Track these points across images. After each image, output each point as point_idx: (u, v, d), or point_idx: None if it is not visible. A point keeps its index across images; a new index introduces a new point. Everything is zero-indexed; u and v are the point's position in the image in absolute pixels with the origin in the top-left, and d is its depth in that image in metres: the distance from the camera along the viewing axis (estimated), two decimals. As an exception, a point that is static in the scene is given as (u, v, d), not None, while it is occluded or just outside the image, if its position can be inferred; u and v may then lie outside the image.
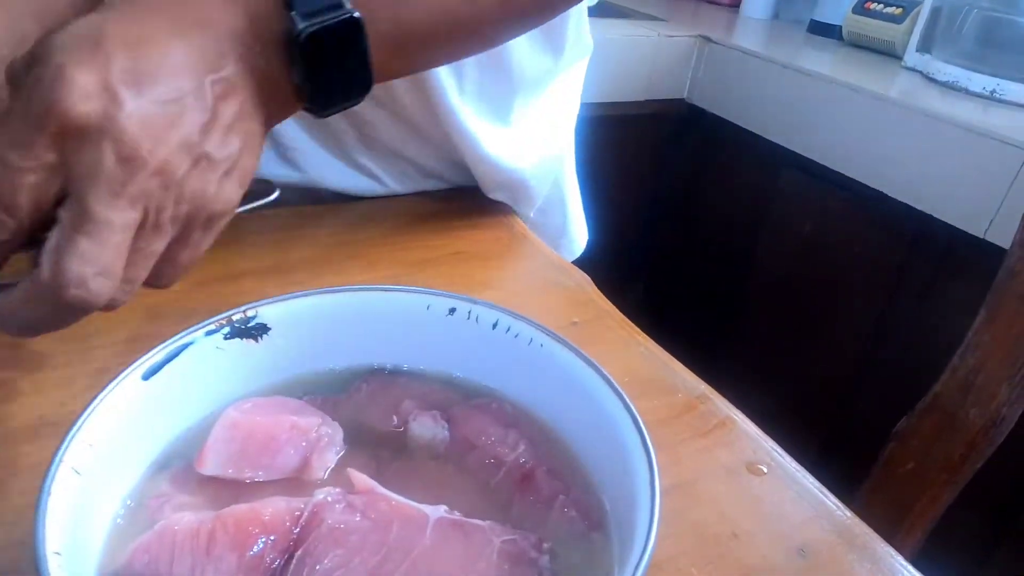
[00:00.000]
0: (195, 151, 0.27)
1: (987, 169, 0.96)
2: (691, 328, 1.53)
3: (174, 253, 0.30)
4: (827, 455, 1.20)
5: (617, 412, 0.28)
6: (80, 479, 0.23)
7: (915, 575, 0.32)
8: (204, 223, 0.30)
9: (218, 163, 0.29)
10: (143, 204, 0.26)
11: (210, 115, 0.28)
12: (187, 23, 0.28)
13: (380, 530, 0.25)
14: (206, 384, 0.30)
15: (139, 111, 0.25)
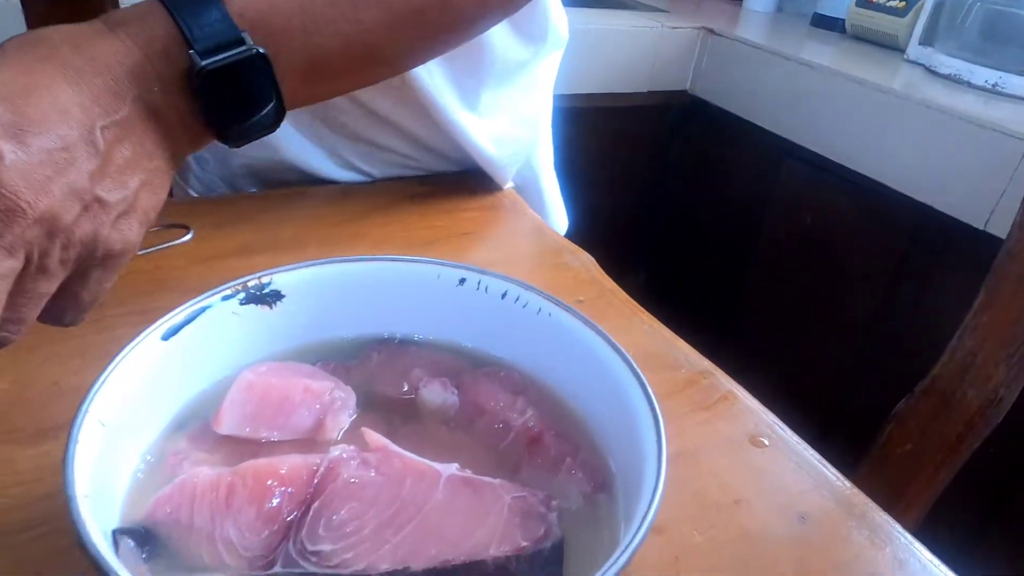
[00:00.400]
0: (85, 196, 0.27)
1: (988, 161, 0.96)
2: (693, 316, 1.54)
3: (74, 291, 0.30)
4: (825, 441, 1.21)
5: (626, 378, 0.29)
6: (104, 431, 0.24)
7: (911, 541, 0.33)
8: (102, 262, 0.30)
9: (111, 205, 0.29)
10: (24, 251, 0.26)
11: (101, 160, 0.28)
12: (78, 69, 0.27)
13: (393, 485, 0.26)
14: (222, 348, 0.31)
15: (20, 162, 0.25)
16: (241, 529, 0.24)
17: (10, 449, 0.32)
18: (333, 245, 0.51)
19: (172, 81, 0.29)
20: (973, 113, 0.98)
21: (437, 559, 0.23)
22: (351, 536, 0.24)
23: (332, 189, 0.59)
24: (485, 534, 0.24)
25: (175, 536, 0.24)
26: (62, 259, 0.28)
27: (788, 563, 0.31)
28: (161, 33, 0.29)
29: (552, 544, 0.25)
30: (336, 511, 0.25)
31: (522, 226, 0.59)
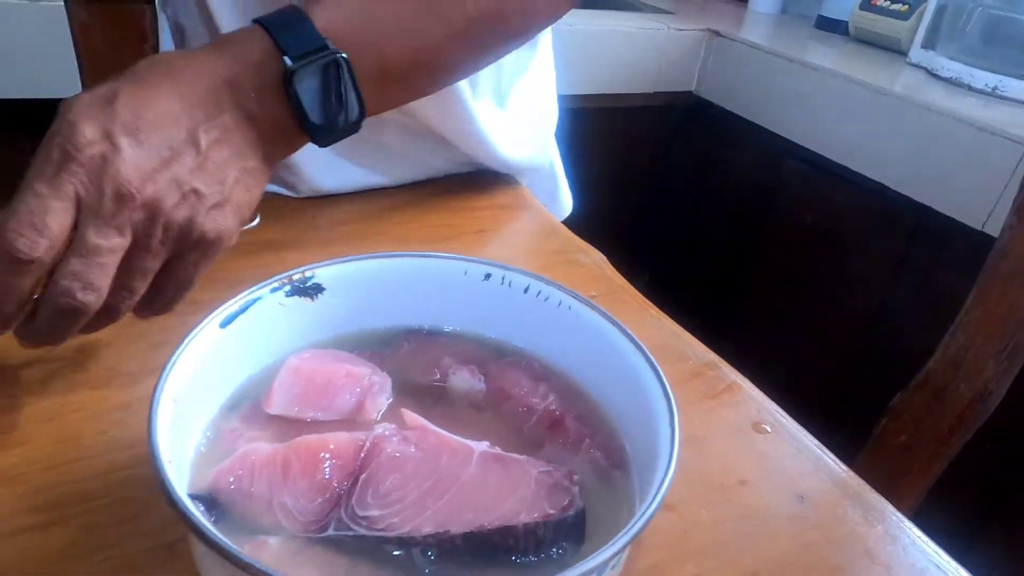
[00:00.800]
0: (184, 187, 0.33)
1: (986, 163, 0.99)
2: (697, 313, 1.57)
3: (171, 271, 0.35)
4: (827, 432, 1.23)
5: (640, 366, 0.32)
6: (176, 407, 0.27)
7: (902, 519, 0.36)
8: (197, 246, 0.35)
9: (207, 196, 0.34)
10: (131, 230, 0.32)
11: (201, 158, 0.33)
12: (188, 82, 0.33)
13: (431, 460, 0.28)
14: (269, 336, 0.34)
15: (134, 156, 0.31)
16: (297, 497, 0.27)
17: (75, 428, 0.34)
18: (358, 242, 0.54)
19: (268, 89, 0.35)
20: (972, 116, 1.00)
21: (474, 523, 0.26)
22: (396, 503, 0.27)
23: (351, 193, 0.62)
24: (515, 503, 0.27)
25: (238, 502, 0.27)
26: (162, 240, 0.33)
27: (787, 538, 0.34)
28: (258, 48, 0.35)
29: (575, 512, 0.27)
30: (382, 481, 0.27)
31: (535, 224, 0.61)
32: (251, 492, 0.27)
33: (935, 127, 1.04)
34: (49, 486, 0.31)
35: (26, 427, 0.34)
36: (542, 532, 0.26)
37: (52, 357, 0.39)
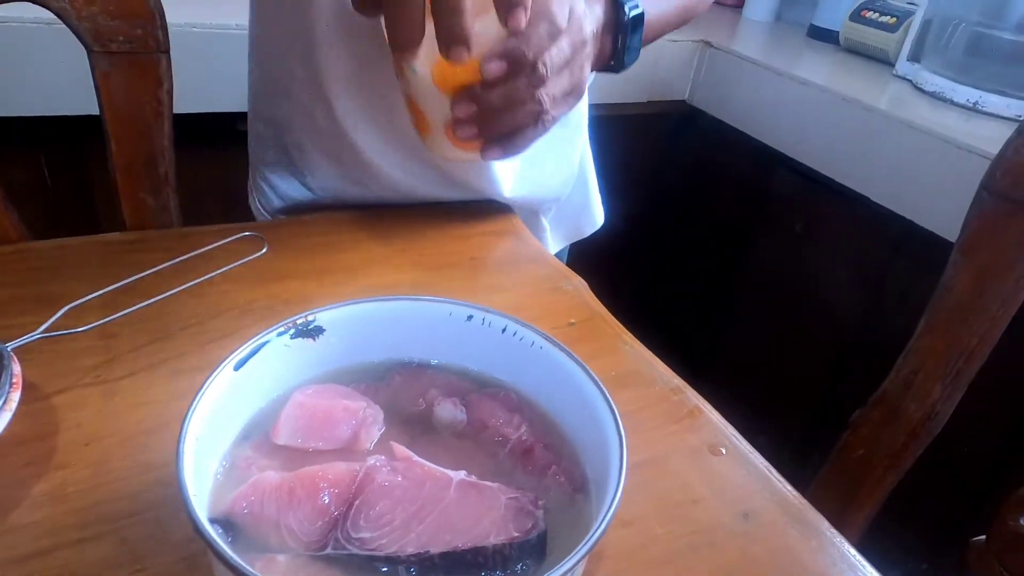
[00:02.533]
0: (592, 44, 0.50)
1: (965, 179, 1.02)
2: (686, 319, 1.62)
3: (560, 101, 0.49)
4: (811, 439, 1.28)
5: (597, 400, 0.36)
6: (198, 444, 0.31)
7: (835, 535, 0.40)
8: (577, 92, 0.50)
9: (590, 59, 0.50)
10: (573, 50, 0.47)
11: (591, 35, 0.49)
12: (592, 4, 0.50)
13: (416, 487, 0.33)
14: (276, 374, 0.38)
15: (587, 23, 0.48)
16: (300, 520, 0.32)
17: (106, 452, 0.39)
18: (356, 270, 0.59)
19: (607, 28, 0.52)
20: (951, 133, 1.04)
21: (450, 544, 0.31)
22: (385, 526, 0.31)
23: (351, 215, 0.67)
24: (486, 526, 0.32)
25: (250, 524, 0.32)
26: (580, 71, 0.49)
27: (732, 551, 0.39)
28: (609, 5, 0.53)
29: (538, 534, 0.32)
30: (373, 507, 0.32)
31: (524, 252, 0.66)
32: (262, 515, 0.32)
33: (915, 142, 1.08)
34: (87, 506, 0.36)
35: (65, 452, 0.39)
36: (508, 551, 0.31)
37: (84, 386, 0.43)
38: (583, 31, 0.47)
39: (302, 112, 0.63)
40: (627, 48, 0.53)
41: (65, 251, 0.55)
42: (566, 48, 0.46)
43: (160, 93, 0.57)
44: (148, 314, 0.49)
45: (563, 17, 0.44)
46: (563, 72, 0.46)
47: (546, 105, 0.46)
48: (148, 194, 0.60)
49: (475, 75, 0.45)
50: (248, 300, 0.53)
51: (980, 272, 0.51)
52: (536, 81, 0.45)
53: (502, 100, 0.45)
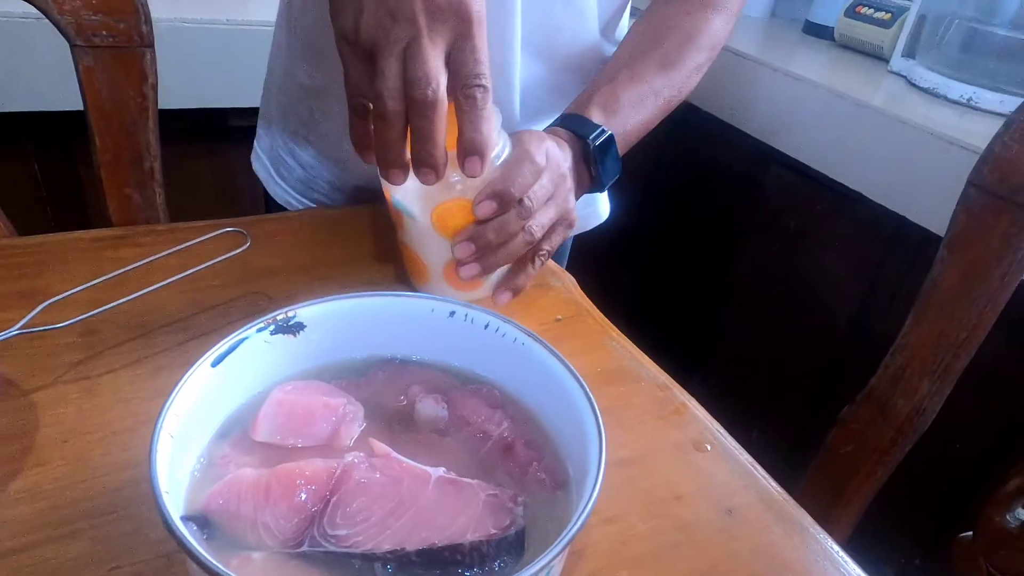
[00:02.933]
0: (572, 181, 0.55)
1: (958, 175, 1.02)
2: (680, 315, 1.62)
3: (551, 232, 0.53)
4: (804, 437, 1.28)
5: (578, 396, 0.36)
6: (172, 441, 0.31)
7: (819, 531, 0.40)
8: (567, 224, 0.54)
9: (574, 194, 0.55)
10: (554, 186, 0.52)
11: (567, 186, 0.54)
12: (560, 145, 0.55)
13: (394, 484, 0.33)
14: (256, 370, 0.38)
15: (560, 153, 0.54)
16: (277, 517, 0.32)
17: (85, 449, 0.39)
18: (339, 266, 0.58)
19: (579, 159, 0.57)
20: (944, 130, 1.04)
21: (426, 541, 0.31)
22: (361, 523, 0.31)
23: (335, 212, 0.66)
24: (464, 523, 0.32)
25: (226, 522, 0.32)
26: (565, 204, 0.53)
27: (715, 548, 0.39)
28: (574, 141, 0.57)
29: (515, 531, 0.32)
30: (349, 504, 0.32)
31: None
32: (238, 513, 0.32)
33: (908, 138, 1.07)
34: (64, 504, 0.36)
35: (43, 449, 0.39)
36: (485, 549, 0.31)
37: (64, 382, 0.43)
38: (561, 168, 0.52)
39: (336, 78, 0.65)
40: (603, 171, 0.58)
41: (48, 247, 0.55)
42: (547, 184, 0.51)
43: (144, 88, 0.56)
44: (130, 310, 0.48)
45: (542, 157, 0.50)
46: (549, 204, 0.51)
47: (536, 234, 0.51)
48: (134, 189, 0.59)
49: (470, 216, 0.49)
50: (231, 296, 0.52)
51: (967, 268, 0.51)
52: (524, 213, 0.49)
53: (496, 235, 0.49)
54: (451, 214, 0.49)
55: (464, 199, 0.49)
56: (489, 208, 0.48)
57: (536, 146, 0.50)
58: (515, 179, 0.48)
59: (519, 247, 0.51)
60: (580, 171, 0.58)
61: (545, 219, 0.51)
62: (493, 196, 0.48)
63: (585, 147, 0.57)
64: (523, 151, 0.50)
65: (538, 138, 0.52)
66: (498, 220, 0.49)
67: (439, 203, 0.49)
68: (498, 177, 0.48)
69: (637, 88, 0.61)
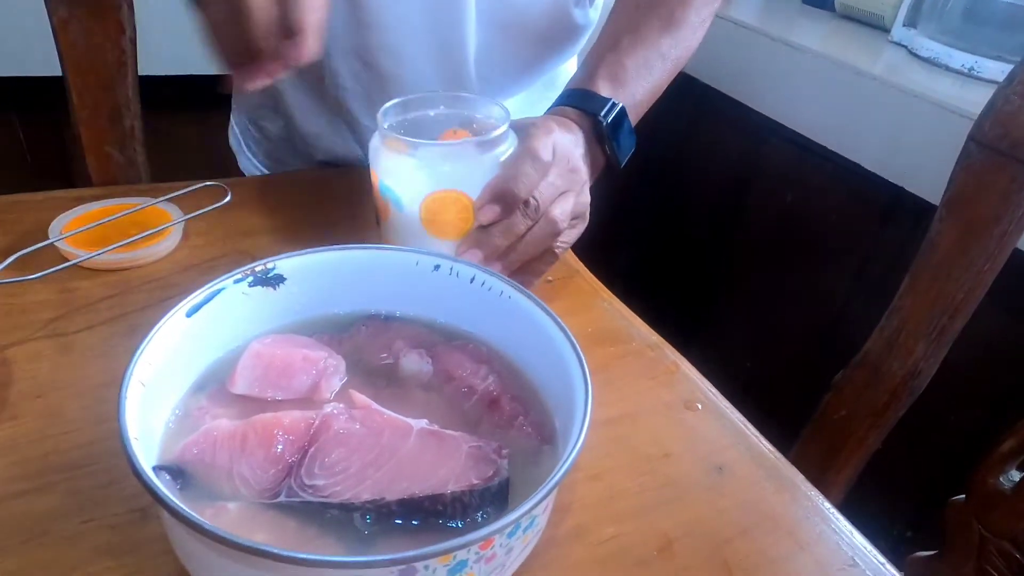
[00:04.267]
0: (587, 172, 0.51)
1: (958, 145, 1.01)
2: (676, 289, 1.61)
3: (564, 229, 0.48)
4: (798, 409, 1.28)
5: (564, 348, 0.35)
6: (144, 390, 0.30)
7: (811, 489, 0.39)
8: (581, 218, 0.50)
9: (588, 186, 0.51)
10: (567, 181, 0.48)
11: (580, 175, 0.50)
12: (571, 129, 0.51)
13: (374, 436, 0.32)
14: (234, 323, 0.37)
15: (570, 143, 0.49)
16: (253, 468, 0.31)
17: (60, 404, 0.38)
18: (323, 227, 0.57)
19: (591, 139, 0.53)
20: (945, 99, 1.02)
21: (407, 492, 0.30)
22: (339, 474, 0.30)
23: (318, 174, 0.65)
24: (446, 474, 0.31)
25: (201, 472, 0.31)
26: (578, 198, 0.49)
27: (702, 505, 0.38)
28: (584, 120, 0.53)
29: (499, 482, 0.31)
30: (328, 454, 0.31)
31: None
32: (213, 463, 0.31)
33: (906, 107, 1.06)
34: (37, 456, 0.35)
35: (16, 404, 0.38)
36: (468, 499, 0.30)
37: (39, 339, 0.42)
38: (571, 160, 0.49)
39: None
40: (617, 148, 0.54)
41: (27, 205, 0.54)
42: (557, 180, 0.47)
43: (122, 41, 0.54)
44: (107, 268, 0.47)
45: (548, 153, 0.46)
46: (563, 198, 0.48)
47: (560, 227, 0.47)
48: (114, 148, 0.58)
49: (461, 213, 0.45)
50: (213, 256, 0.51)
51: (966, 227, 0.50)
52: (531, 214, 0.45)
53: (504, 238, 0.45)
54: (443, 207, 0.45)
55: (459, 194, 0.45)
56: (492, 213, 0.45)
57: (542, 141, 0.47)
58: (518, 179, 0.45)
59: (536, 246, 0.47)
60: (594, 153, 0.54)
61: (562, 212, 0.47)
62: (496, 199, 0.44)
63: (597, 125, 0.53)
64: (527, 147, 0.46)
65: (544, 130, 0.48)
66: (504, 223, 0.45)
67: (430, 193, 0.45)
68: (500, 177, 0.45)
69: (643, 52, 0.57)
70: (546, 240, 0.47)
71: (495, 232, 0.45)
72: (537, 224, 0.46)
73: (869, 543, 0.37)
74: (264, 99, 0.69)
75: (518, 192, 0.44)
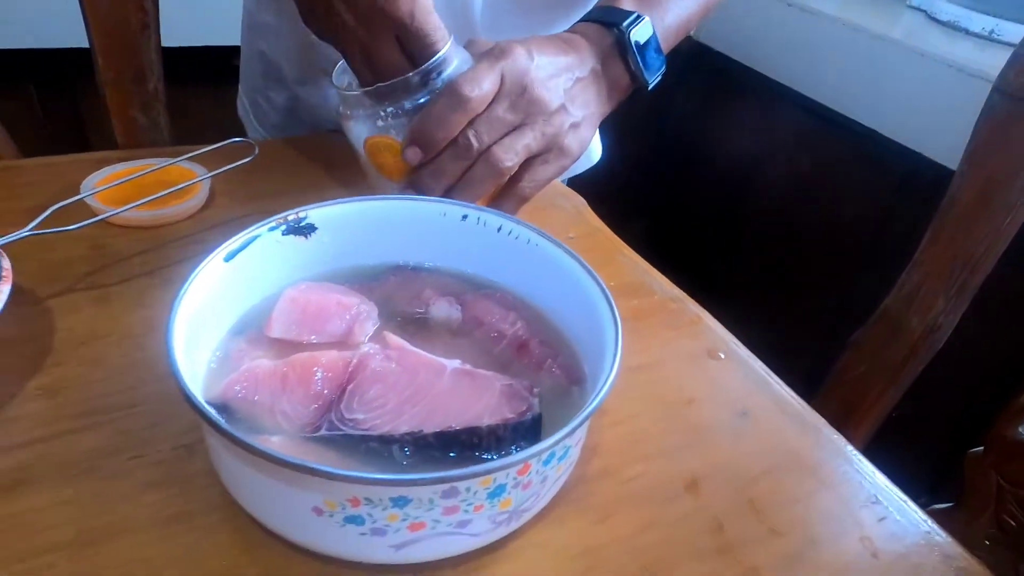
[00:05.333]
0: (559, 101, 0.46)
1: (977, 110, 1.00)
2: (691, 260, 1.61)
3: (533, 166, 0.46)
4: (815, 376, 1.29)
5: (596, 295, 0.36)
6: (188, 329, 0.31)
7: (833, 433, 0.40)
8: (557, 152, 0.46)
9: (570, 115, 0.46)
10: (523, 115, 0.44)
11: (572, 92, 0.47)
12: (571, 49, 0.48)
13: (409, 374, 0.33)
14: (268, 270, 0.38)
15: (541, 68, 0.45)
16: (294, 404, 0.32)
17: (102, 351, 0.39)
18: (350, 184, 0.58)
19: (610, 55, 0.49)
20: (964, 63, 1.01)
21: (443, 424, 0.31)
22: (378, 409, 0.31)
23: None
24: (480, 409, 0.32)
25: (244, 409, 0.32)
26: (542, 130, 0.45)
27: (726, 447, 0.39)
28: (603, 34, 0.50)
29: (532, 417, 0.32)
30: (366, 391, 0.32)
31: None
32: (255, 400, 0.32)
33: (929, 72, 1.04)
34: (83, 399, 0.36)
35: (60, 350, 0.39)
36: (502, 432, 0.31)
37: (77, 291, 0.43)
38: (529, 90, 0.44)
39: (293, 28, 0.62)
40: (645, 67, 0.49)
41: (55, 166, 0.55)
42: (504, 114, 0.44)
43: (145, 3, 0.55)
44: (138, 225, 0.48)
45: (476, 88, 0.42)
46: (508, 138, 0.44)
47: (503, 165, 0.44)
48: (138, 111, 0.59)
49: (399, 155, 0.44)
50: (241, 215, 0.52)
51: (987, 181, 0.50)
52: (463, 153, 0.43)
53: (434, 179, 0.44)
54: (379, 151, 0.46)
55: (390, 140, 0.45)
56: (415, 155, 0.43)
57: (476, 73, 0.43)
58: (432, 119, 0.42)
59: (480, 185, 0.44)
60: (613, 73, 0.49)
61: (516, 146, 0.44)
62: (414, 141, 0.43)
63: (620, 37, 0.48)
64: (451, 84, 0.43)
65: (490, 59, 0.44)
66: (432, 165, 0.44)
67: (368, 137, 0.45)
68: (419, 117, 0.43)
69: None
70: (492, 179, 0.44)
71: (424, 175, 0.44)
72: (476, 164, 0.44)
73: (891, 482, 0.38)
74: (268, 70, 0.69)
75: (433, 133, 0.42)
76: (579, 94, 0.48)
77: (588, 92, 0.48)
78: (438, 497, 0.26)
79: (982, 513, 0.52)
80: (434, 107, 0.43)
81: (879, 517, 0.35)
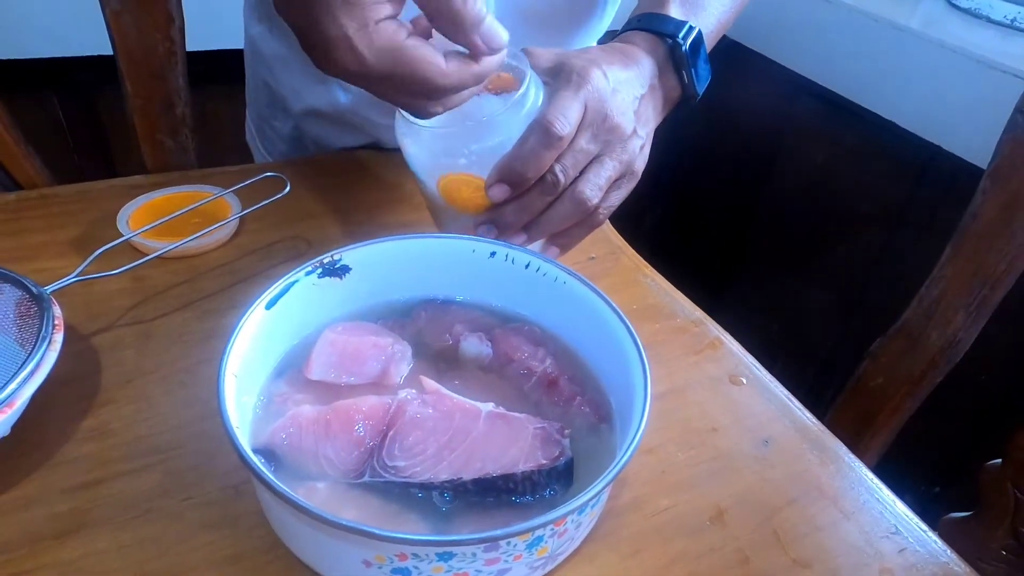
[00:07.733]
0: (632, 125, 0.45)
1: (999, 101, 0.98)
2: (706, 251, 1.61)
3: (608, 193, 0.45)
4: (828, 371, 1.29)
5: (621, 333, 0.37)
6: (236, 380, 0.33)
7: (853, 460, 0.41)
8: (629, 177, 0.46)
9: (639, 137, 0.46)
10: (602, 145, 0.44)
11: (638, 112, 0.46)
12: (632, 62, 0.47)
13: (447, 419, 0.34)
14: (306, 312, 0.39)
15: (616, 91, 0.44)
16: (337, 450, 0.33)
17: (147, 389, 0.41)
18: (377, 209, 0.59)
19: (665, 67, 0.48)
20: (986, 53, 0.99)
21: (481, 471, 0.32)
22: (418, 455, 0.33)
23: (366, 154, 0.66)
24: (515, 454, 0.33)
25: (289, 455, 0.33)
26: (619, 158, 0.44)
27: (751, 476, 0.40)
28: (656, 44, 0.48)
29: (564, 461, 0.33)
30: (406, 437, 0.33)
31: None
32: (300, 446, 0.33)
33: (949, 63, 1.03)
34: (133, 440, 0.38)
35: (108, 389, 0.41)
36: (537, 477, 0.32)
37: (121, 327, 0.45)
38: (609, 118, 0.43)
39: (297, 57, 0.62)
40: (696, 78, 0.49)
41: (90, 195, 0.56)
42: (587, 145, 0.43)
43: (171, 31, 0.56)
44: (174, 256, 0.50)
45: (566, 123, 0.41)
46: (590, 170, 0.44)
47: (590, 202, 0.43)
48: (166, 136, 0.60)
49: (479, 191, 0.43)
50: (272, 240, 0.53)
51: (1010, 199, 0.50)
52: (549, 190, 0.42)
53: (517, 217, 0.43)
54: (456, 188, 0.43)
55: (470, 176, 0.42)
56: (501, 192, 0.42)
57: (563, 106, 0.41)
58: (524, 159, 0.41)
59: (563, 221, 0.44)
60: (667, 84, 0.48)
61: (593, 185, 0.43)
62: (502, 178, 0.42)
63: (674, 48, 0.47)
64: (541, 119, 0.41)
65: (575, 85, 0.42)
66: (518, 202, 0.42)
67: (443, 175, 0.43)
68: (508, 154, 0.41)
69: None
70: (574, 216, 0.44)
71: (507, 211, 0.43)
72: (560, 200, 0.43)
73: (911, 511, 0.39)
74: (273, 101, 0.69)
75: (524, 172, 0.41)
76: (642, 112, 0.47)
77: (648, 109, 0.47)
78: (481, 551, 0.28)
79: (999, 525, 0.53)
80: (525, 145, 0.41)
81: (899, 548, 0.37)
